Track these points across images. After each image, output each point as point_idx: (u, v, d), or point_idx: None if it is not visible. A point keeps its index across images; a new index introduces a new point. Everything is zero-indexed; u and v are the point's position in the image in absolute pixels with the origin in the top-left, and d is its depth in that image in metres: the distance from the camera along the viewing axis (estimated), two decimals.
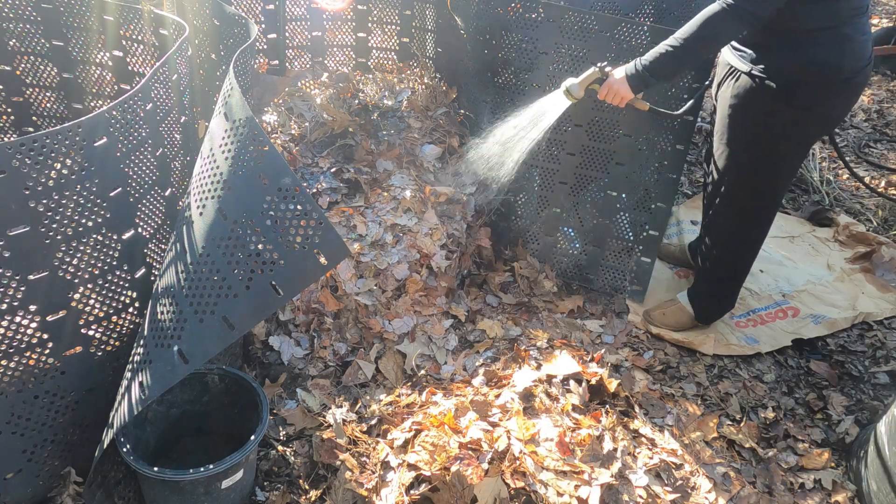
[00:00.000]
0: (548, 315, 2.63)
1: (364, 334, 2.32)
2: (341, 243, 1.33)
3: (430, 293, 2.49)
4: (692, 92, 2.54)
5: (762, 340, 2.57)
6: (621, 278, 2.76)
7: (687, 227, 3.17)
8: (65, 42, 2.36)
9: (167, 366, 1.39)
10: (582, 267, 2.80)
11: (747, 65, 2.03)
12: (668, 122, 2.60)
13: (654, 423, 2.14)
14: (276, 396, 2.12)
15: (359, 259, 2.36)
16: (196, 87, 2.32)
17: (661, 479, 1.91)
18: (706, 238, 2.45)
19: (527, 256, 2.83)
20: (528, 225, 2.83)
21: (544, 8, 2.52)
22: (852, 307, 2.75)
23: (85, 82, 2.43)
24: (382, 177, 2.62)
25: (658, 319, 2.60)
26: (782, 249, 3.14)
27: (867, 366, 2.51)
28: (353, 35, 3.16)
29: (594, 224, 2.75)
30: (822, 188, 3.58)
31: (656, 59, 2.00)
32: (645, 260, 2.73)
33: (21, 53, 2.40)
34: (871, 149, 4.13)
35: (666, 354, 2.52)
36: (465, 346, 2.45)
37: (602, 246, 2.76)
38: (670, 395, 2.31)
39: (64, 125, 1.39)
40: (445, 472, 1.69)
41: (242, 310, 1.35)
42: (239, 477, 1.66)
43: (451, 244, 2.56)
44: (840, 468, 2.08)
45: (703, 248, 2.48)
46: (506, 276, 2.80)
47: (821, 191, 3.57)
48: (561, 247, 2.81)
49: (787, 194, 3.58)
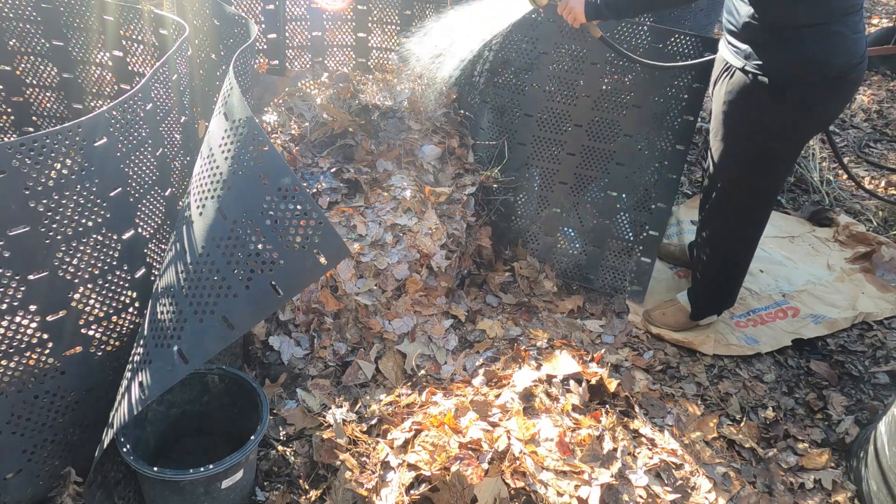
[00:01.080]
0: (548, 315, 2.63)
1: (364, 334, 2.32)
2: (341, 243, 1.33)
3: (430, 293, 2.49)
4: (693, 92, 2.55)
5: (762, 340, 2.57)
6: (621, 278, 2.76)
7: (687, 227, 3.17)
8: (65, 42, 2.36)
9: (167, 366, 1.39)
10: (582, 267, 2.80)
11: (741, 61, 2.04)
12: (668, 122, 2.60)
13: (654, 423, 2.14)
14: (276, 396, 2.12)
15: (359, 259, 2.36)
16: (196, 87, 2.32)
17: (661, 479, 1.91)
18: (702, 235, 2.45)
19: (527, 256, 2.83)
20: (528, 225, 2.83)
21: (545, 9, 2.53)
22: (852, 307, 2.75)
23: (85, 82, 2.43)
24: (382, 177, 2.62)
25: (658, 319, 2.60)
26: (782, 249, 3.14)
27: (867, 366, 2.51)
28: (353, 35, 3.16)
29: (594, 224, 2.76)
30: (822, 188, 3.58)
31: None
32: (645, 260, 2.73)
33: (21, 53, 2.41)
34: (871, 149, 4.13)
35: (666, 354, 2.52)
36: (465, 346, 2.45)
37: (602, 246, 2.76)
38: (670, 395, 2.31)
39: (64, 125, 1.40)
40: (445, 472, 1.69)
41: (242, 310, 1.35)
42: (239, 477, 1.66)
43: (451, 244, 2.56)
44: (840, 468, 2.08)
45: (699, 246, 2.49)
46: (506, 276, 2.80)
47: (821, 191, 3.57)
48: (561, 247, 2.82)
49: (787, 194, 3.58)
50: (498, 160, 2.79)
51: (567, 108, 2.66)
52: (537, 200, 2.80)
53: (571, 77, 2.63)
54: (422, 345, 2.37)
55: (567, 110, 2.67)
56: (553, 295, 2.75)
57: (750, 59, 2.01)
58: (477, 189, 2.72)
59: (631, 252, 2.73)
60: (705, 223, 2.44)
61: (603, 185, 2.71)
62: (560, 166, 2.74)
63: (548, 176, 2.77)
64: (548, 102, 2.68)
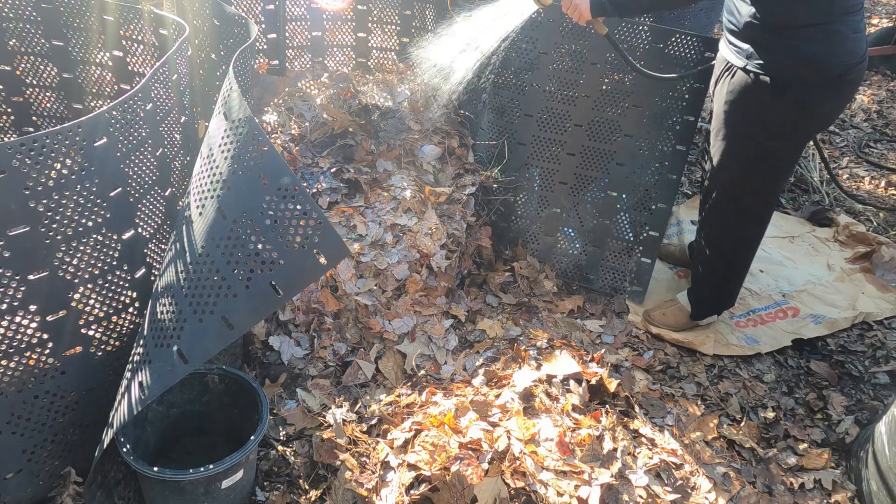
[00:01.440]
0: (548, 315, 2.63)
1: (364, 334, 2.32)
2: (341, 243, 1.33)
3: (429, 293, 2.49)
4: (693, 93, 2.54)
5: (762, 340, 2.57)
6: (621, 279, 2.76)
7: (687, 227, 3.17)
8: (65, 42, 2.36)
9: (167, 366, 1.39)
10: (582, 267, 2.80)
11: (743, 60, 2.04)
12: (669, 123, 2.60)
13: (654, 423, 2.14)
14: (275, 396, 2.12)
15: (358, 259, 2.36)
16: (196, 87, 2.32)
17: (661, 479, 1.91)
18: (702, 235, 2.45)
19: (527, 256, 2.83)
20: (528, 225, 2.83)
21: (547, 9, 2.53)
22: (852, 307, 2.75)
23: (85, 82, 2.43)
24: (382, 177, 2.62)
25: (658, 319, 2.60)
26: (782, 250, 3.13)
27: (867, 366, 2.51)
28: (353, 35, 3.16)
29: (594, 224, 2.75)
30: (822, 188, 3.58)
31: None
32: (645, 260, 2.73)
33: (21, 53, 2.41)
34: (872, 149, 4.13)
35: (666, 354, 2.52)
36: (465, 346, 2.45)
37: (602, 246, 2.76)
38: (670, 395, 2.30)
39: (64, 125, 1.39)
40: (445, 472, 1.69)
41: (242, 309, 1.35)
42: (239, 477, 1.66)
43: (450, 244, 2.56)
44: (840, 468, 2.08)
45: (699, 246, 2.48)
46: (506, 276, 2.80)
47: (821, 191, 3.57)
48: (561, 247, 2.82)
49: (787, 194, 3.58)
50: (498, 160, 2.79)
51: (567, 108, 2.66)
52: (537, 201, 2.80)
53: (571, 77, 2.63)
54: (422, 345, 2.37)
55: (567, 110, 2.67)
56: (553, 295, 2.75)
57: (751, 59, 2.01)
58: (477, 189, 2.72)
59: (631, 252, 2.73)
60: (705, 223, 2.44)
61: (602, 185, 2.71)
62: (560, 166, 2.74)
63: (547, 176, 2.77)
64: (548, 102, 2.68)
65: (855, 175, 3.82)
